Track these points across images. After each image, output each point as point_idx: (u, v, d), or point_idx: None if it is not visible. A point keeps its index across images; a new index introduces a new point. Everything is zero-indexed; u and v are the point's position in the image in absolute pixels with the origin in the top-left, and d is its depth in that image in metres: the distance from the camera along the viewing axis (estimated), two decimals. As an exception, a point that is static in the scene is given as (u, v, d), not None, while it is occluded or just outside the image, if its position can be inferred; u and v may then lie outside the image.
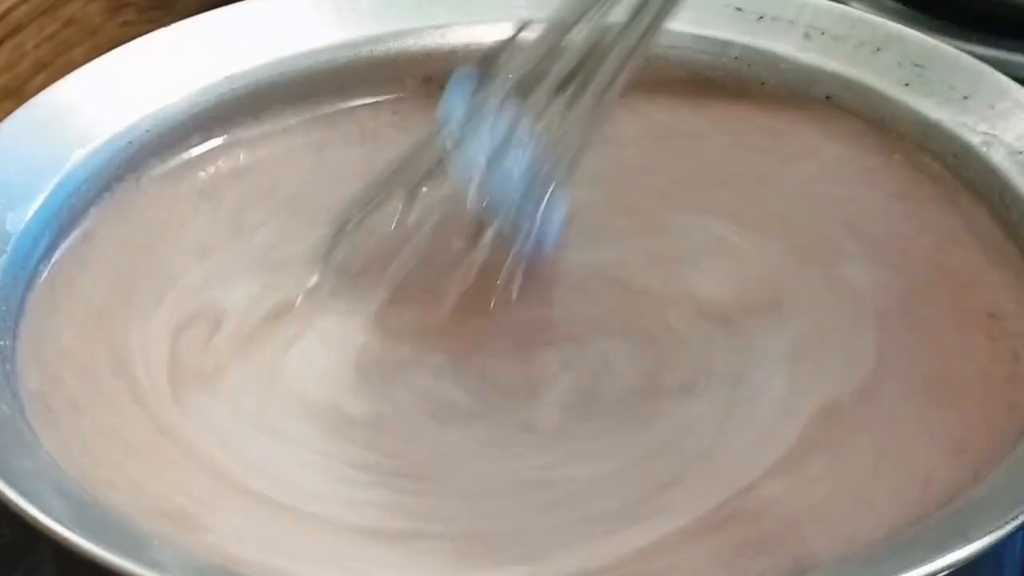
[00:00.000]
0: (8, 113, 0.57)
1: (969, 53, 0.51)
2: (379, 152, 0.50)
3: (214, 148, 0.51)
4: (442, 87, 0.46)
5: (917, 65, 0.51)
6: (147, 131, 0.50)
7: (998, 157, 0.48)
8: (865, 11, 0.56)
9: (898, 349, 0.43)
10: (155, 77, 0.51)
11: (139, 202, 0.49)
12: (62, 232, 0.47)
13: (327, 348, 0.44)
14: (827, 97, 0.52)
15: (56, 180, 0.47)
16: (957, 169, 0.49)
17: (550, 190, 0.45)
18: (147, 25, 0.68)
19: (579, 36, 0.47)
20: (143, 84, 0.51)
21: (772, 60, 0.53)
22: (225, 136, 0.51)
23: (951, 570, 0.36)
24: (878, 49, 0.52)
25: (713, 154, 0.51)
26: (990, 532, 0.36)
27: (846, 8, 0.54)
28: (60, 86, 0.50)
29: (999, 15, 0.63)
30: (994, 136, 0.49)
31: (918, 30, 0.52)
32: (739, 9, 0.53)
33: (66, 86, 0.50)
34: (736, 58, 0.53)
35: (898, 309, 0.45)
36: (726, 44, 0.53)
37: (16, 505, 0.37)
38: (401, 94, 0.53)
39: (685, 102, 0.53)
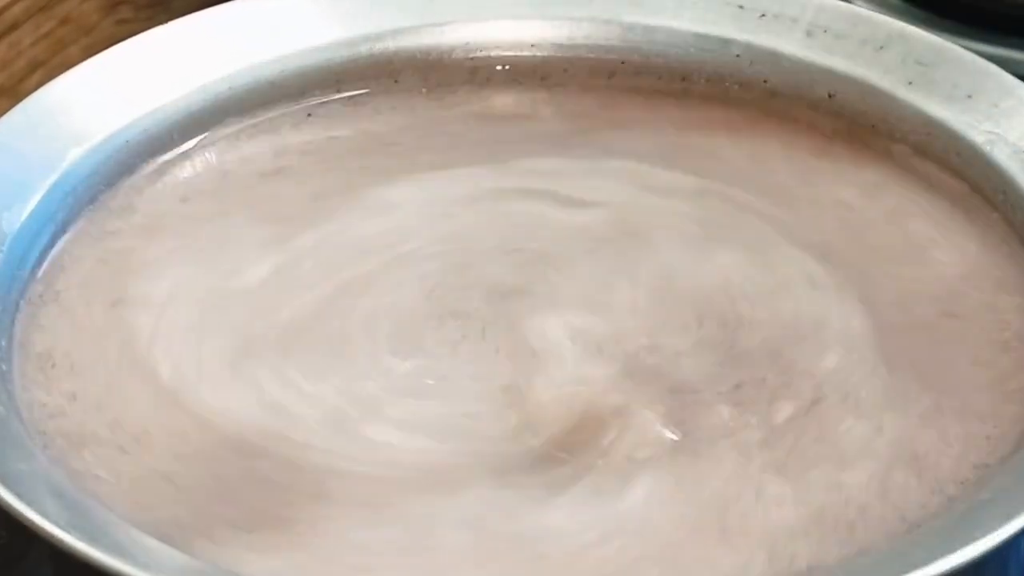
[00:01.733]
0: (3, 112, 0.57)
1: (973, 51, 0.51)
2: (378, 149, 0.51)
3: (212, 146, 0.51)
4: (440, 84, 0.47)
5: (920, 63, 0.51)
6: (145, 130, 0.50)
7: (1002, 156, 0.48)
8: (868, 9, 0.57)
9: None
10: (152, 75, 0.51)
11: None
12: (59, 231, 0.47)
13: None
14: (829, 96, 0.52)
15: (52, 179, 0.47)
16: (960, 169, 0.49)
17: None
18: (144, 23, 0.68)
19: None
20: (140, 82, 0.51)
21: (774, 58, 0.53)
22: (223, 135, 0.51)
23: (955, 571, 0.36)
24: (881, 47, 0.52)
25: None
26: (994, 533, 0.36)
27: (849, 6, 0.54)
28: (56, 84, 0.50)
29: (1003, 13, 0.64)
30: (998, 135, 0.49)
31: (921, 28, 0.53)
32: (741, 7, 0.53)
33: (62, 84, 0.50)
34: (737, 56, 0.53)
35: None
36: (727, 42, 0.53)
37: (12, 507, 0.37)
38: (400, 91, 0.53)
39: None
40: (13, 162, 0.47)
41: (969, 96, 0.50)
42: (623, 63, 0.53)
